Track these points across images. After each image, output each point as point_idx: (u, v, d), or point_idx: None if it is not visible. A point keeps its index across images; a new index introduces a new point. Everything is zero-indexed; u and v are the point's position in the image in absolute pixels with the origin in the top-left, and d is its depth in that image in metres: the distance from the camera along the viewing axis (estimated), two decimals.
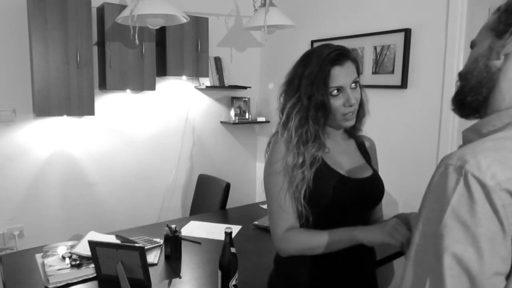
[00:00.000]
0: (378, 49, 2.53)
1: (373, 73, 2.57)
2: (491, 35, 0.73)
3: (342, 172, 1.19)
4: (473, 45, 0.79)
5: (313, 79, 1.12)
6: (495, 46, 0.71)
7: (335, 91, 1.13)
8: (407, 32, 2.35)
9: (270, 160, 1.19)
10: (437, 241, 0.62)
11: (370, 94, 1.22)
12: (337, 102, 1.14)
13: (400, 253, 1.83)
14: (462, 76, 0.78)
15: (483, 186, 0.59)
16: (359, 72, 1.19)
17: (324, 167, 1.16)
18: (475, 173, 0.60)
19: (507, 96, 0.70)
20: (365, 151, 1.32)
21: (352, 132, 1.30)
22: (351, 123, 1.18)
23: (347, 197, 1.17)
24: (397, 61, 2.42)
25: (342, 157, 1.24)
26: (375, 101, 2.67)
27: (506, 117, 0.68)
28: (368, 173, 1.24)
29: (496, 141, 0.65)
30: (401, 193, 2.45)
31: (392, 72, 2.45)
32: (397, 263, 2.13)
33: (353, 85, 1.15)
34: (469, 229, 0.59)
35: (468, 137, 0.74)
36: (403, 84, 2.39)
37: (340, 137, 1.27)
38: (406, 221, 1.07)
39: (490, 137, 0.66)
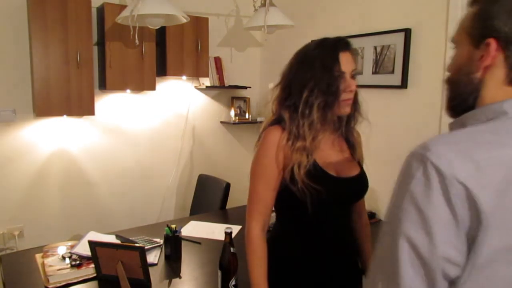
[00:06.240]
0: (378, 49, 2.53)
1: (373, 73, 2.57)
2: (468, 41, 0.73)
3: (331, 172, 1.20)
4: (454, 43, 0.79)
5: (325, 64, 1.15)
6: (474, 57, 0.72)
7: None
8: (407, 32, 2.35)
9: (264, 153, 1.21)
10: (396, 224, 0.64)
11: (370, 94, 1.24)
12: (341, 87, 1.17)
13: None
14: (450, 84, 0.79)
15: (439, 174, 0.60)
16: (357, 64, 1.23)
17: (314, 166, 1.18)
18: (434, 161, 0.61)
19: (488, 101, 0.71)
20: (352, 145, 1.32)
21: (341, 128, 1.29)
22: (347, 110, 1.20)
23: (334, 197, 1.20)
24: (397, 61, 2.42)
25: (332, 153, 1.25)
26: (375, 101, 2.69)
27: (490, 112, 0.69)
28: (355, 171, 1.26)
29: (467, 134, 0.66)
30: None
31: (392, 72, 2.45)
32: None
33: (353, 73, 1.19)
34: (423, 214, 0.61)
35: (453, 130, 0.75)
36: (403, 84, 2.39)
37: (331, 130, 1.27)
38: None
39: (465, 130, 0.68)
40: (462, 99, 0.74)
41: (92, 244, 1.55)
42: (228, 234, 1.36)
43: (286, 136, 1.18)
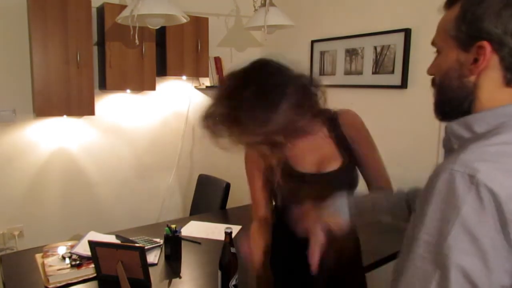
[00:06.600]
0: (378, 49, 2.53)
1: (373, 73, 2.57)
2: (454, 44, 0.71)
3: (304, 170, 1.21)
4: (435, 46, 0.77)
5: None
6: (464, 61, 0.70)
7: None
8: (407, 32, 2.35)
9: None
10: (443, 252, 0.60)
11: (370, 94, 1.22)
12: None
13: (393, 258, 1.83)
14: (439, 88, 0.77)
15: (495, 198, 0.57)
16: None
17: (286, 166, 1.22)
18: (488, 184, 0.58)
19: (488, 104, 0.69)
20: (339, 134, 1.23)
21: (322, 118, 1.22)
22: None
23: (307, 194, 1.18)
24: (397, 61, 2.42)
25: (308, 152, 1.22)
26: (375, 101, 2.69)
27: (502, 116, 0.67)
28: (336, 165, 1.20)
29: (499, 146, 0.63)
30: None
31: (392, 72, 2.45)
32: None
33: None
34: (478, 241, 0.58)
35: (456, 131, 0.72)
36: (403, 84, 2.39)
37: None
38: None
39: (491, 141, 0.64)
40: (456, 104, 0.72)
41: (92, 244, 1.55)
42: (228, 234, 1.36)
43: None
